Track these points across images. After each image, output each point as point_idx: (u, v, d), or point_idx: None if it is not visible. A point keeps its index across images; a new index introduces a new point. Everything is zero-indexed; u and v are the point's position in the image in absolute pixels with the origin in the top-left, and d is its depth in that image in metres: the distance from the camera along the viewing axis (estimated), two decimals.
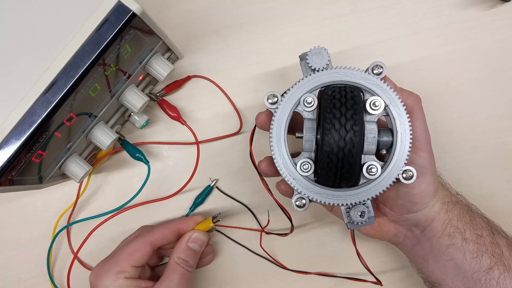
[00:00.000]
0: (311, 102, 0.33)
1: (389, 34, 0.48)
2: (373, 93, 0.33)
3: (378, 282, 0.40)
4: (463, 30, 0.48)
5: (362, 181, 0.33)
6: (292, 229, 0.39)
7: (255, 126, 0.37)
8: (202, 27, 0.47)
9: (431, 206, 0.36)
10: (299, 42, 0.47)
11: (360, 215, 0.33)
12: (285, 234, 0.42)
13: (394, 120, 0.33)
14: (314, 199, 0.33)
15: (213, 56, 0.47)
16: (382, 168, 0.33)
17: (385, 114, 0.33)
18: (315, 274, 0.46)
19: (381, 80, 0.33)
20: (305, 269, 0.46)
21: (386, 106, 0.33)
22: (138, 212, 0.46)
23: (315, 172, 0.34)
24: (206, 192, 0.46)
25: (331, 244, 0.47)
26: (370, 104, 0.32)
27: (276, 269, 0.46)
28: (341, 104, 0.31)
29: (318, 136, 0.32)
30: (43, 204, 0.46)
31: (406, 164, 0.32)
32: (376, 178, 0.33)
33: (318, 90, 0.34)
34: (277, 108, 0.33)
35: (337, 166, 0.31)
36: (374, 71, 0.33)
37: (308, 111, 0.34)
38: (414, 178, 0.32)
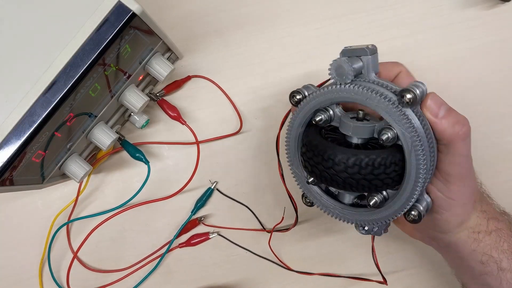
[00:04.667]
0: (319, 120, 0.32)
1: (389, 34, 0.48)
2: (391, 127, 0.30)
3: (384, 280, 0.40)
4: (463, 30, 0.48)
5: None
6: (296, 221, 0.39)
7: (289, 111, 0.36)
8: (202, 27, 0.47)
9: (455, 233, 0.35)
10: (299, 42, 0.47)
11: (374, 227, 0.33)
12: (287, 229, 0.43)
13: (408, 155, 0.29)
14: (334, 217, 0.34)
15: (213, 56, 0.47)
16: (393, 196, 0.31)
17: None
18: (318, 275, 0.46)
19: (410, 108, 0.29)
20: (307, 269, 0.46)
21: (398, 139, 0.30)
22: (138, 212, 0.46)
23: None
24: (207, 195, 0.46)
25: (332, 245, 0.47)
26: (381, 139, 0.30)
27: (277, 270, 0.46)
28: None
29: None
30: (43, 204, 0.46)
31: (418, 201, 0.31)
32: (380, 208, 0.32)
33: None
34: (300, 108, 0.33)
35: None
36: (406, 97, 0.28)
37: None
38: (420, 219, 0.31)
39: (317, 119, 0.32)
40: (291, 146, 0.35)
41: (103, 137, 0.39)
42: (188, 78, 0.46)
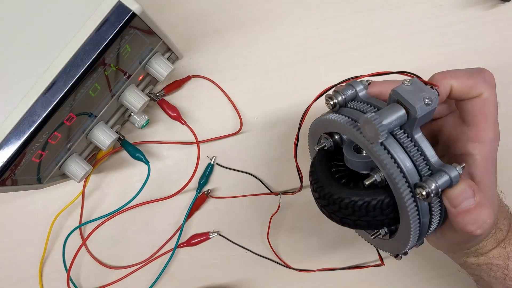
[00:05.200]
0: (323, 146, 0.31)
1: (389, 34, 0.48)
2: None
3: (381, 260, 0.41)
4: (463, 30, 0.48)
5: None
6: (300, 187, 0.39)
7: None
8: (202, 27, 0.47)
9: (455, 257, 0.35)
10: (299, 42, 0.47)
11: None
12: (293, 192, 0.44)
13: (403, 222, 0.28)
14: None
15: (213, 56, 0.47)
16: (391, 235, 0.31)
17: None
18: (318, 271, 0.46)
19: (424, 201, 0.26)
20: (306, 267, 0.46)
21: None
22: (138, 212, 0.46)
23: None
24: (208, 171, 0.46)
25: (331, 242, 0.47)
26: (364, 183, 0.28)
27: (277, 269, 0.46)
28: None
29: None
30: (43, 204, 0.46)
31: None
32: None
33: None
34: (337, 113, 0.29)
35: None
36: (418, 193, 0.25)
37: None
38: (400, 258, 0.32)
39: (318, 148, 0.31)
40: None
41: (103, 137, 0.39)
42: (188, 78, 0.46)
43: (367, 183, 0.27)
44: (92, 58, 0.31)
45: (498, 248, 0.33)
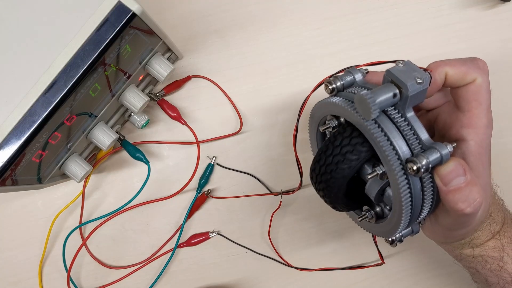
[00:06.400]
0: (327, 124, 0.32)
1: (389, 34, 0.48)
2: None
3: (381, 258, 0.41)
4: (463, 30, 0.48)
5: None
6: (300, 185, 0.39)
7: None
8: (202, 27, 0.47)
9: (450, 248, 0.35)
10: (299, 42, 0.47)
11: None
12: (293, 191, 0.44)
13: (395, 204, 0.28)
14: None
15: (213, 56, 0.47)
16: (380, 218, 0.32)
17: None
18: (318, 270, 0.46)
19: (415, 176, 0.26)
20: (307, 267, 0.46)
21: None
22: (138, 212, 0.46)
23: None
24: (209, 171, 0.46)
25: (331, 243, 0.47)
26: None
27: (278, 269, 0.46)
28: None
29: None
30: (43, 204, 0.46)
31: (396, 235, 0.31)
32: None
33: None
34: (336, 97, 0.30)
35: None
36: (408, 168, 0.26)
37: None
38: (394, 244, 0.32)
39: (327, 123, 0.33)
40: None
41: (103, 137, 0.39)
42: (188, 78, 0.46)
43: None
44: (92, 58, 0.31)
45: (493, 240, 0.33)
